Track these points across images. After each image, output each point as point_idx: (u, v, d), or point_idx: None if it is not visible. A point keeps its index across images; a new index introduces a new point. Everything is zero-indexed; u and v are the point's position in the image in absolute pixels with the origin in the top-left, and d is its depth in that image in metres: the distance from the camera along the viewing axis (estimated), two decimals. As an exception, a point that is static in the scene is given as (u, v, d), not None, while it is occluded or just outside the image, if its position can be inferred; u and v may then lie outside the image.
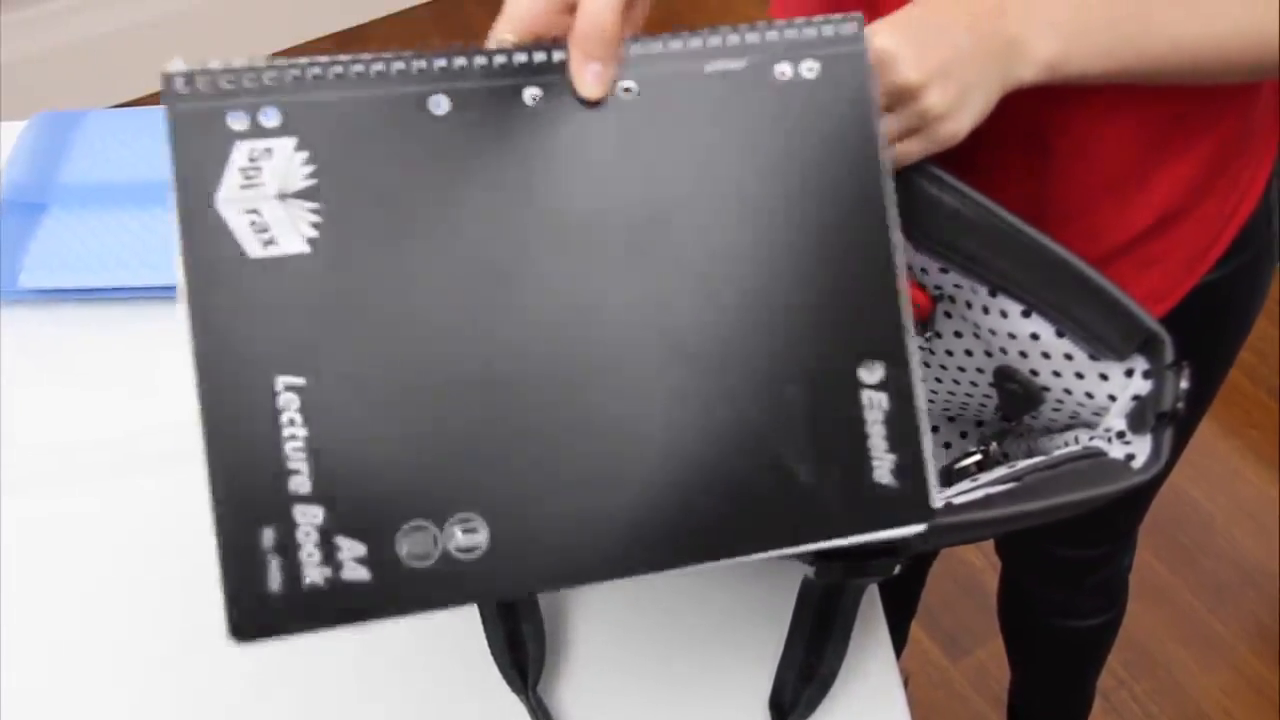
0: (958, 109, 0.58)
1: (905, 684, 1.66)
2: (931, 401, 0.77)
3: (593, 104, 0.49)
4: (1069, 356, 0.62)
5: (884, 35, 0.57)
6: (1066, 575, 1.14)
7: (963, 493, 0.63)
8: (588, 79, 0.49)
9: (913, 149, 0.60)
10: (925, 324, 0.68)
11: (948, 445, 0.83)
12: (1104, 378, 0.61)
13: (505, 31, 0.53)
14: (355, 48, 2.47)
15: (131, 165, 1.01)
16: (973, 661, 1.59)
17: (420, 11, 2.48)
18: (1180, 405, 0.55)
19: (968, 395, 0.73)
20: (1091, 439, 0.61)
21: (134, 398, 0.87)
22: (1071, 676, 1.34)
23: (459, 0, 2.51)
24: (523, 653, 0.71)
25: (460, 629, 0.73)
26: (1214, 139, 0.73)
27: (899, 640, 1.53)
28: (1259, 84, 0.73)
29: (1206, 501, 1.75)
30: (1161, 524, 1.71)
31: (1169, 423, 0.56)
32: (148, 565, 0.78)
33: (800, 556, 0.59)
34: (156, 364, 0.89)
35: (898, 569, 0.59)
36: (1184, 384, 0.55)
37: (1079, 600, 1.18)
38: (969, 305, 0.66)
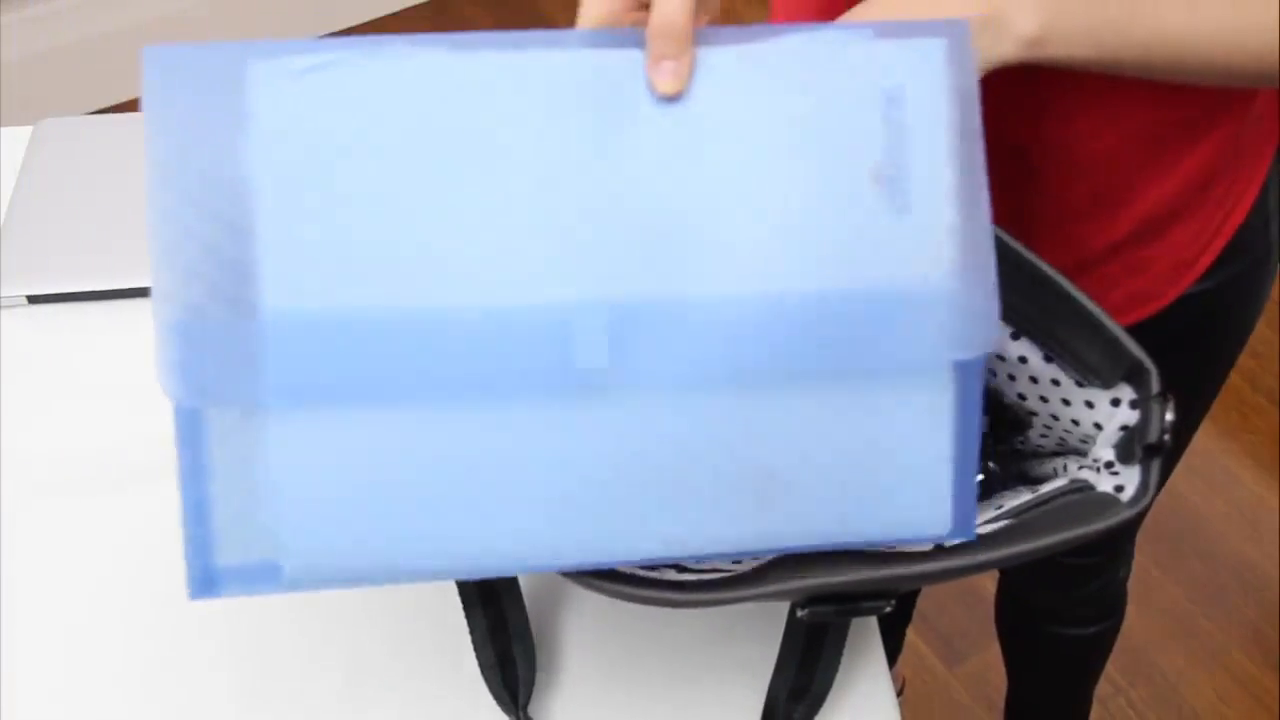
0: None
1: (901, 690, 1.66)
2: None
3: (671, 98, 0.50)
4: (1056, 382, 0.62)
5: None
6: (1062, 582, 1.14)
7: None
8: (664, 76, 0.50)
9: None
10: None
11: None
12: (1090, 405, 0.61)
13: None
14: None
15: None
16: (970, 668, 1.59)
17: (417, 12, 2.48)
18: (1167, 437, 0.55)
19: None
20: (1080, 469, 0.61)
21: (130, 405, 0.87)
22: (1069, 685, 1.34)
23: (456, 1, 2.50)
24: (513, 673, 0.70)
25: (451, 650, 0.73)
26: (1201, 153, 0.73)
27: (895, 646, 1.53)
28: (1250, 96, 0.73)
29: (1203, 506, 1.75)
30: (1158, 529, 1.71)
31: (1156, 454, 0.55)
32: (144, 574, 0.78)
33: (796, 598, 0.59)
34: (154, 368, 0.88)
35: (888, 608, 0.59)
36: (1169, 416, 0.55)
37: (1075, 608, 1.18)
38: None
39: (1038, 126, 0.70)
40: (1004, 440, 0.69)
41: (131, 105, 2.28)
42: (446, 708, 0.72)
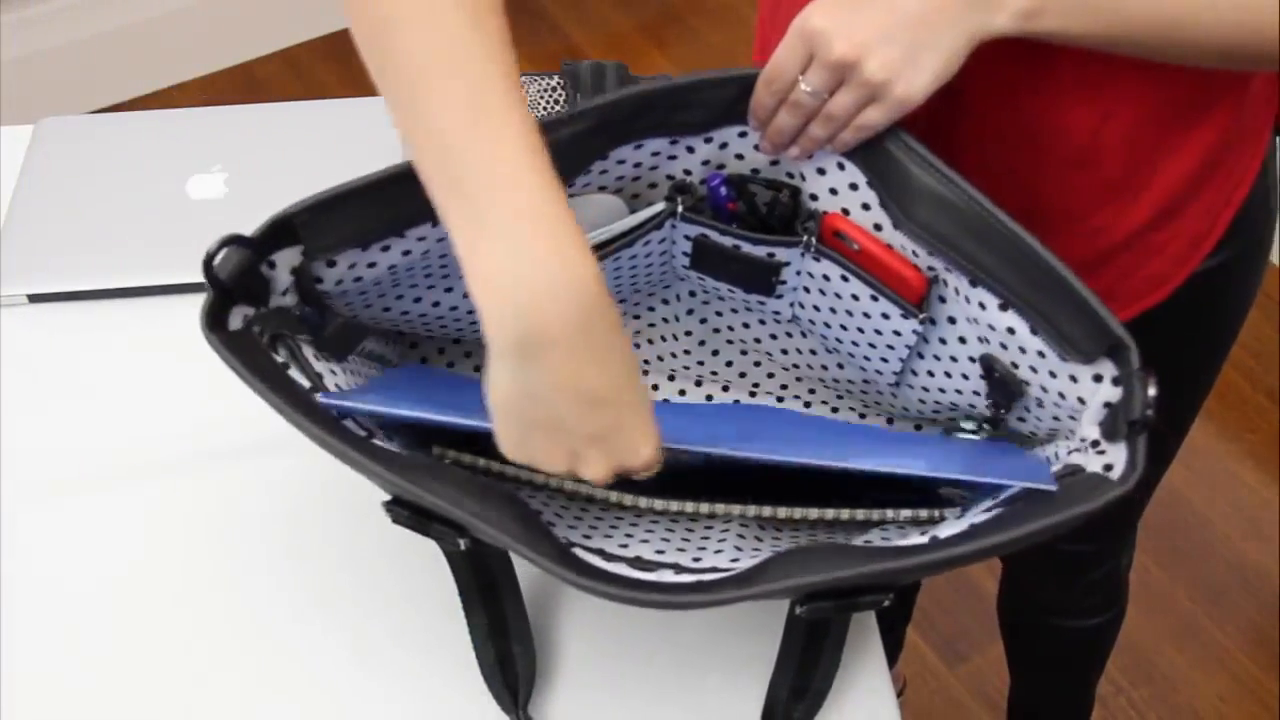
0: (904, 71, 0.60)
1: (901, 691, 1.66)
2: (922, 403, 0.76)
3: None
4: (1042, 354, 0.63)
5: (816, 17, 0.61)
6: (1065, 571, 1.14)
7: (960, 516, 0.63)
8: None
9: (874, 116, 0.63)
10: (920, 305, 0.68)
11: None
12: (1073, 380, 0.61)
13: None
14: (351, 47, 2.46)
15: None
16: (970, 668, 1.59)
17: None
18: (1150, 413, 0.55)
19: (958, 391, 0.73)
20: (1070, 452, 0.61)
21: (130, 404, 0.87)
22: (1071, 680, 1.34)
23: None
24: (513, 673, 0.70)
25: (452, 648, 0.73)
26: (1209, 132, 0.73)
27: (895, 645, 1.53)
28: (1249, 73, 0.73)
29: (1205, 506, 1.75)
30: (1159, 528, 1.71)
31: (1141, 430, 0.55)
32: (144, 573, 0.78)
33: (794, 596, 0.59)
34: (155, 367, 0.88)
35: (886, 602, 0.59)
36: (1151, 391, 0.55)
37: (1077, 598, 1.18)
38: (956, 291, 0.66)
39: (1052, 109, 0.70)
40: (1005, 405, 0.69)
41: (131, 105, 2.28)
42: (447, 707, 0.72)
